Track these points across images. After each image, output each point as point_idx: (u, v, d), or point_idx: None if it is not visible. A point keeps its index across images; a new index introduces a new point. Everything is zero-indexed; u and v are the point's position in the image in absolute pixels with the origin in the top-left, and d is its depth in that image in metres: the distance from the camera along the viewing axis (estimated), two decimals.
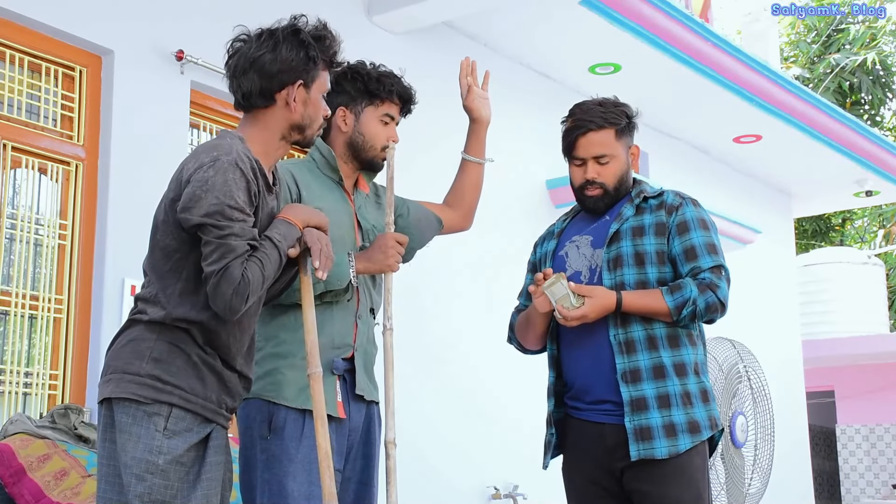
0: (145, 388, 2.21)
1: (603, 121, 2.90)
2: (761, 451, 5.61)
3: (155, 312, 2.25)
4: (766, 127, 7.44)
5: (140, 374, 2.22)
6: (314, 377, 2.34)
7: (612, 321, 2.80)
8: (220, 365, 2.29)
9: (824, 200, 9.73)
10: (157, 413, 2.20)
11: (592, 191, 2.91)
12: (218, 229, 2.17)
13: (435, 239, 5.65)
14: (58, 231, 3.96)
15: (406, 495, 4.87)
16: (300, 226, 2.32)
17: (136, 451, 2.18)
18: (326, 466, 2.32)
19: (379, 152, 2.82)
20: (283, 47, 2.34)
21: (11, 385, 3.78)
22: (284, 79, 2.33)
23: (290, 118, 2.37)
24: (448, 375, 5.41)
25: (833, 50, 16.13)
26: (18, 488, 3.12)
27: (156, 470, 2.17)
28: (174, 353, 2.23)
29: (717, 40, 6.32)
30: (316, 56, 2.36)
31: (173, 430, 2.20)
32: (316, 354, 2.35)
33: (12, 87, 3.90)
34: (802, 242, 16.00)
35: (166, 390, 2.21)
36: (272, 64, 2.33)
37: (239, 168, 2.21)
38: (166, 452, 2.18)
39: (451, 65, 5.77)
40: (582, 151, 2.91)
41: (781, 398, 7.51)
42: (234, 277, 2.16)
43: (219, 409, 2.29)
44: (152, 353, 2.23)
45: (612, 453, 2.80)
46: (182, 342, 2.24)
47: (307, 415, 2.55)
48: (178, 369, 2.23)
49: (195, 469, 2.22)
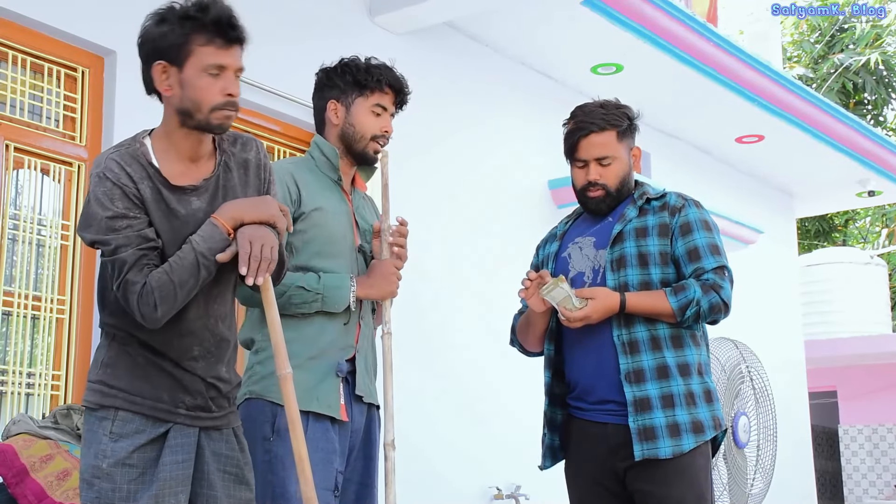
0: (94, 393, 2.23)
1: (605, 122, 2.90)
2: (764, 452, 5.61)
3: (103, 319, 2.29)
4: (768, 127, 7.43)
5: (92, 381, 2.25)
6: (284, 378, 2.24)
7: (616, 322, 2.81)
8: (170, 365, 2.25)
9: (827, 201, 9.72)
10: (105, 417, 2.20)
11: (594, 192, 2.92)
12: (106, 245, 2.16)
13: (436, 239, 5.66)
14: (60, 231, 3.97)
15: (408, 496, 4.88)
16: (228, 227, 2.17)
17: (88, 457, 2.20)
18: (303, 469, 2.24)
19: (370, 143, 2.79)
20: (147, 27, 2.20)
21: (14, 385, 3.78)
22: (151, 62, 2.21)
23: (172, 103, 2.22)
24: (450, 376, 5.41)
25: (837, 50, 16.11)
26: (21, 489, 3.12)
27: (101, 474, 2.17)
28: (120, 357, 2.24)
29: (719, 40, 6.31)
30: (176, 29, 2.15)
31: (119, 433, 2.19)
32: (283, 355, 2.25)
33: (15, 87, 3.90)
34: (805, 243, 15.99)
35: (111, 394, 2.21)
36: (141, 48, 2.22)
37: (107, 179, 2.16)
38: (110, 456, 2.17)
39: (453, 65, 5.80)
40: (584, 153, 2.91)
41: (784, 398, 7.50)
42: (134, 286, 2.12)
43: (174, 409, 2.23)
44: (104, 358, 2.26)
45: (616, 453, 2.80)
46: (128, 345, 2.24)
47: (310, 416, 2.55)
48: (123, 373, 2.23)
49: (150, 471, 2.19)
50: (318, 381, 2.59)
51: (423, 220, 5.32)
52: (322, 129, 2.83)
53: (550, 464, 3.00)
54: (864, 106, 16.45)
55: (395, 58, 2.91)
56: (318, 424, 2.57)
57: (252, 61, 4.22)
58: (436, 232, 5.43)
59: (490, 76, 5.97)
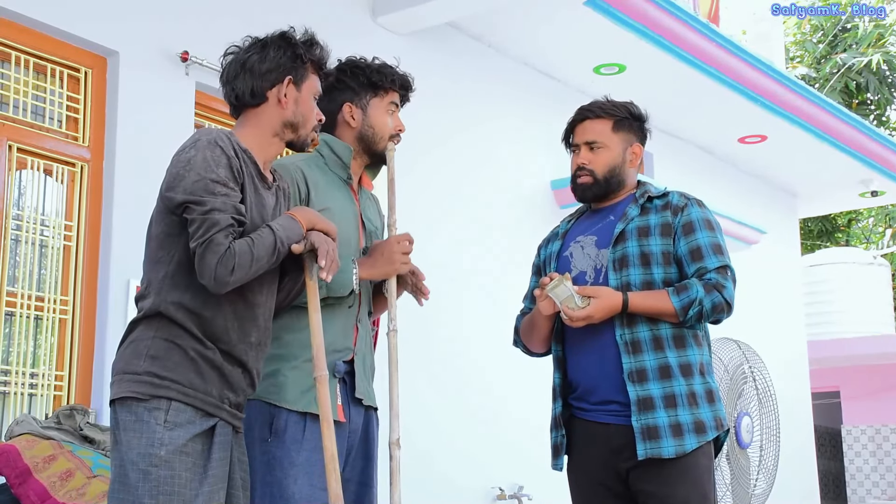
0: (143, 384, 2.23)
1: (601, 111, 2.98)
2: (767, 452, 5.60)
3: (147, 304, 2.29)
4: (771, 127, 7.43)
5: (138, 373, 2.24)
6: (321, 380, 2.35)
7: (619, 321, 2.80)
8: (221, 358, 2.29)
9: (830, 201, 9.71)
10: (157, 408, 2.21)
11: (582, 177, 2.95)
12: (200, 205, 2.22)
13: (439, 240, 5.66)
14: (63, 232, 3.97)
15: (411, 496, 4.87)
16: (304, 225, 2.35)
17: (139, 446, 2.20)
18: (333, 469, 2.32)
19: (388, 143, 2.82)
20: (270, 48, 2.44)
21: (17, 386, 3.79)
22: (274, 77, 2.42)
23: (283, 115, 2.44)
24: (453, 376, 5.41)
25: (839, 50, 16.10)
26: (24, 489, 3.12)
27: (160, 462, 2.18)
28: (171, 350, 2.25)
29: (721, 41, 6.31)
30: (303, 55, 2.45)
31: (174, 422, 2.21)
32: (322, 358, 2.37)
33: (17, 88, 3.91)
34: (808, 243, 15.97)
35: (164, 385, 2.23)
36: (261, 63, 2.42)
37: (218, 146, 2.29)
38: (168, 443, 2.20)
39: (455, 66, 5.80)
40: (577, 138, 3.00)
41: (787, 399, 7.49)
42: (219, 247, 2.19)
43: (220, 404, 2.29)
44: (149, 350, 2.26)
45: (619, 454, 2.80)
46: (178, 338, 2.26)
47: (308, 417, 2.55)
48: (175, 364, 2.25)
49: (201, 462, 2.23)
50: None
51: (426, 220, 5.32)
52: (331, 130, 2.82)
53: (563, 464, 3.00)
54: (866, 106, 16.44)
55: (398, 58, 2.92)
56: (315, 425, 2.56)
57: None
58: (438, 232, 5.43)
59: (492, 76, 5.97)
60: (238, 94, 2.43)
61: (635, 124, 2.99)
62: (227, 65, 2.47)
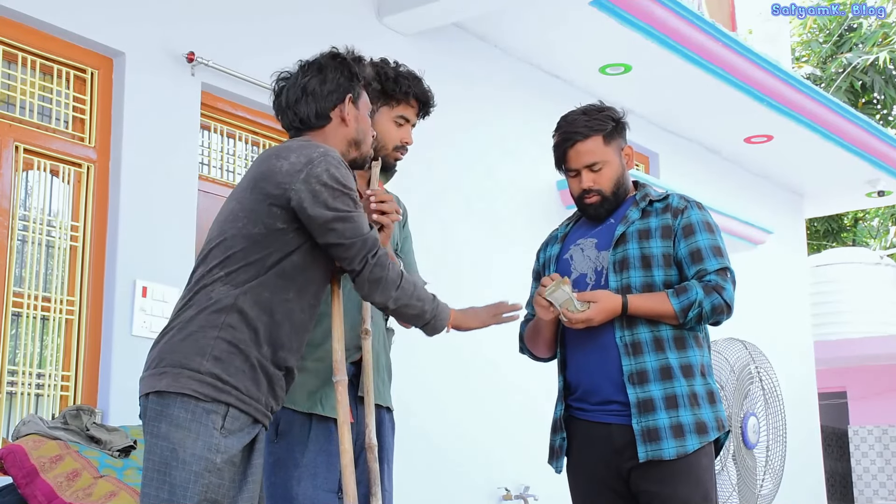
0: (206, 386, 2.22)
1: (588, 129, 2.89)
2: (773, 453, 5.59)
3: (222, 294, 2.28)
4: (777, 127, 7.42)
5: (200, 372, 2.23)
6: (340, 384, 2.40)
7: (619, 323, 2.80)
8: (273, 367, 2.32)
9: (836, 201, 9.70)
10: (215, 411, 2.22)
11: (591, 199, 2.91)
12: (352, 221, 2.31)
13: (444, 240, 5.65)
14: (69, 233, 3.98)
15: (425, 486, 4.88)
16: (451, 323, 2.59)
17: (196, 447, 2.19)
18: (350, 472, 2.34)
19: (391, 152, 2.79)
20: (328, 70, 2.50)
21: (24, 386, 3.79)
22: (336, 97, 2.48)
23: (347, 134, 2.50)
24: (461, 376, 5.41)
25: (845, 49, 16.07)
26: (31, 489, 3.13)
27: (213, 468, 2.19)
28: (233, 354, 2.26)
29: (727, 40, 6.30)
30: (358, 74, 2.52)
31: (230, 429, 2.23)
32: (343, 362, 2.42)
33: (24, 89, 3.92)
34: (814, 243, 15.94)
35: (225, 390, 2.23)
36: (322, 85, 2.47)
37: (343, 166, 2.37)
38: (223, 451, 2.21)
39: (461, 66, 5.80)
40: (573, 163, 2.91)
41: (793, 399, 7.48)
42: (384, 264, 2.36)
43: (266, 412, 2.33)
44: (213, 351, 2.25)
45: (620, 454, 2.79)
46: (242, 342, 2.26)
47: (314, 419, 2.55)
48: (236, 370, 2.25)
49: (242, 469, 2.27)
50: (322, 383, 2.58)
51: (431, 220, 5.32)
52: None
53: (563, 465, 3.00)
54: (873, 106, 16.41)
55: (404, 59, 2.90)
56: (322, 427, 2.56)
57: (260, 63, 4.25)
58: (443, 232, 5.43)
59: (498, 76, 5.97)
60: (303, 118, 2.47)
61: (619, 127, 2.97)
62: (282, 91, 2.50)
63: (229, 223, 2.34)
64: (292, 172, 2.30)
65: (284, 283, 2.31)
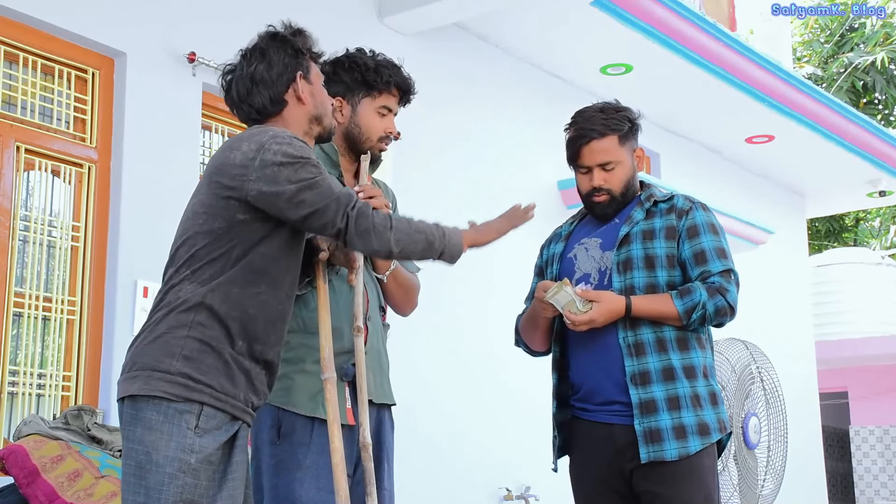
0: (177, 386, 2.20)
1: (605, 128, 2.88)
2: (774, 453, 5.59)
3: (188, 293, 2.24)
4: (778, 127, 7.41)
5: (171, 373, 2.20)
6: (328, 382, 2.36)
7: (622, 324, 2.80)
8: (249, 362, 2.28)
9: (837, 201, 9.70)
10: (189, 411, 2.19)
11: (600, 197, 2.91)
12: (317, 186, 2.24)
13: None
14: (71, 233, 3.98)
15: (424, 485, 4.87)
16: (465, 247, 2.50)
17: (169, 449, 2.17)
18: (341, 470, 2.32)
19: (376, 143, 2.75)
20: (271, 53, 2.42)
21: (25, 386, 3.80)
22: (287, 78, 2.41)
23: (306, 112, 2.44)
24: (462, 375, 5.41)
25: (846, 49, 16.06)
26: (33, 489, 3.13)
27: (188, 469, 2.16)
28: (205, 352, 2.23)
29: (729, 40, 6.30)
30: (302, 47, 2.45)
31: (204, 428, 2.20)
32: (330, 359, 2.38)
33: (25, 89, 3.92)
34: (815, 243, 15.94)
35: (197, 388, 2.20)
36: (270, 70, 2.40)
37: (297, 139, 2.32)
38: (198, 451, 2.18)
39: (462, 66, 5.80)
40: (587, 160, 2.90)
41: (794, 399, 7.48)
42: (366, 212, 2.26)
43: (245, 408, 2.29)
44: (182, 350, 2.21)
45: (623, 454, 2.79)
46: (213, 339, 2.23)
47: (316, 422, 2.54)
48: (208, 367, 2.22)
49: (221, 468, 2.22)
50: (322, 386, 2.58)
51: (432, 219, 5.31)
52: None
53: (558, 464, 3.00)
54: (874, 106, 16.40)
55: (404, 58, 2.90)
56: (323, 429, 2.56)
57: None
58: None
59: (499, 77, 5.97)
60: (259, 109, 2.40)
61: (633, 129, 2.97)
62: (231, 84, 2.42)
63: (191, 221, 2.31)
64: (245, 163, 2.25)
65: (254, 277, 2.27)
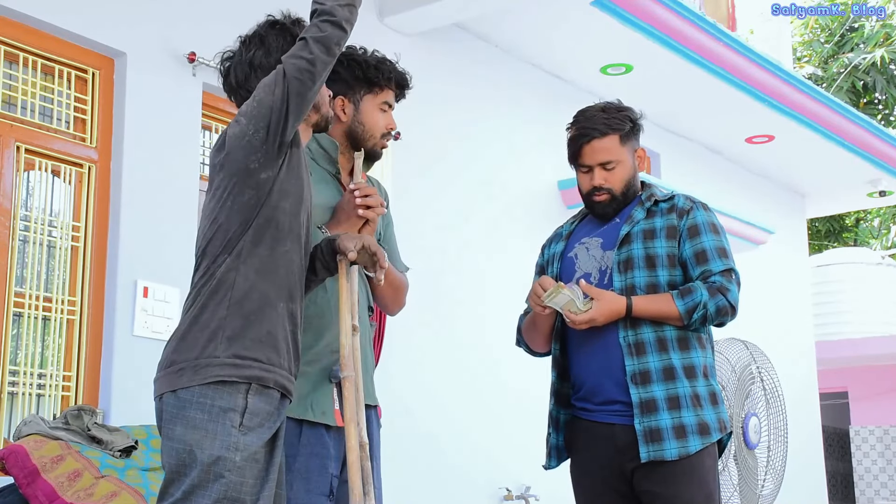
0: (226, 367, 2.18)
1: (607, 127, 2.88)
2: (774, 453, 5.58)
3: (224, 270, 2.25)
4: (778, 127, 7.41)
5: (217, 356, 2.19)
6: (348, 380, 2.35)
7: (622, 323, 2.80)
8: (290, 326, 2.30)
9: (838, 201, 9.70)
10: (233, 409, 2.17)
11: (600, 196, 2.91)
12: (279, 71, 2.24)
13: (447, 239, 5.65)
14: (71, 233, 3.98)
15: (424, 484, 4.87)
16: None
17: (212, 447, 2.15)
18: (356, 469, 2.31)
19: (379, 140, 2.75)
20: (269, 40, 2.40)
21: (25, 386, 3.80)
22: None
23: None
24: (462, 375, 5.41)
25: (846, 49, 16.06)
26: (33, 489, 3.13)
27: (233, 467, 2.15)
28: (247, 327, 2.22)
29: (729, 41, 6.30)
30: (298, 35, 2.39)
31: (248, 426, 2.19)
32: (351, 357, 2.37)
33: (26, 89, 3.92)
34: (815, 243, 15.94)
35: (246, 365, 2.20)
36: (268, 57, 2.38)
37: None
38: (243, 449, 2.16)
39: (462, 66, 5.80)
40: (588, 159, 2.90)
41: (795, 399, 7.48)
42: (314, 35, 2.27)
43: (290, 377, 2.30)
44: (225, 332, 2.21)
45: (623, 454, 2.79)
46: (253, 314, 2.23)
47: (304, 425, 2.53)
48: (252, 342, 2.22)
49: (265, 467, 2.22)
50: (312, 388, 2.56)
51: (432, 220, 5.32)
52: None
53: (556, 464, 3.00)
54: (874, 106, 16.40)
55: (405, 59, 2.90)
56: (313, 431, 2.55)
57: None
58: (443, 232, 5.43)
59: (499, 77, 5.97)
60: None
61: (635, 129, 2.97)
62: (229, 71, 2.42)
63: (212, 214, 2.31)
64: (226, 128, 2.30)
65: (277, 233, 2.27)
